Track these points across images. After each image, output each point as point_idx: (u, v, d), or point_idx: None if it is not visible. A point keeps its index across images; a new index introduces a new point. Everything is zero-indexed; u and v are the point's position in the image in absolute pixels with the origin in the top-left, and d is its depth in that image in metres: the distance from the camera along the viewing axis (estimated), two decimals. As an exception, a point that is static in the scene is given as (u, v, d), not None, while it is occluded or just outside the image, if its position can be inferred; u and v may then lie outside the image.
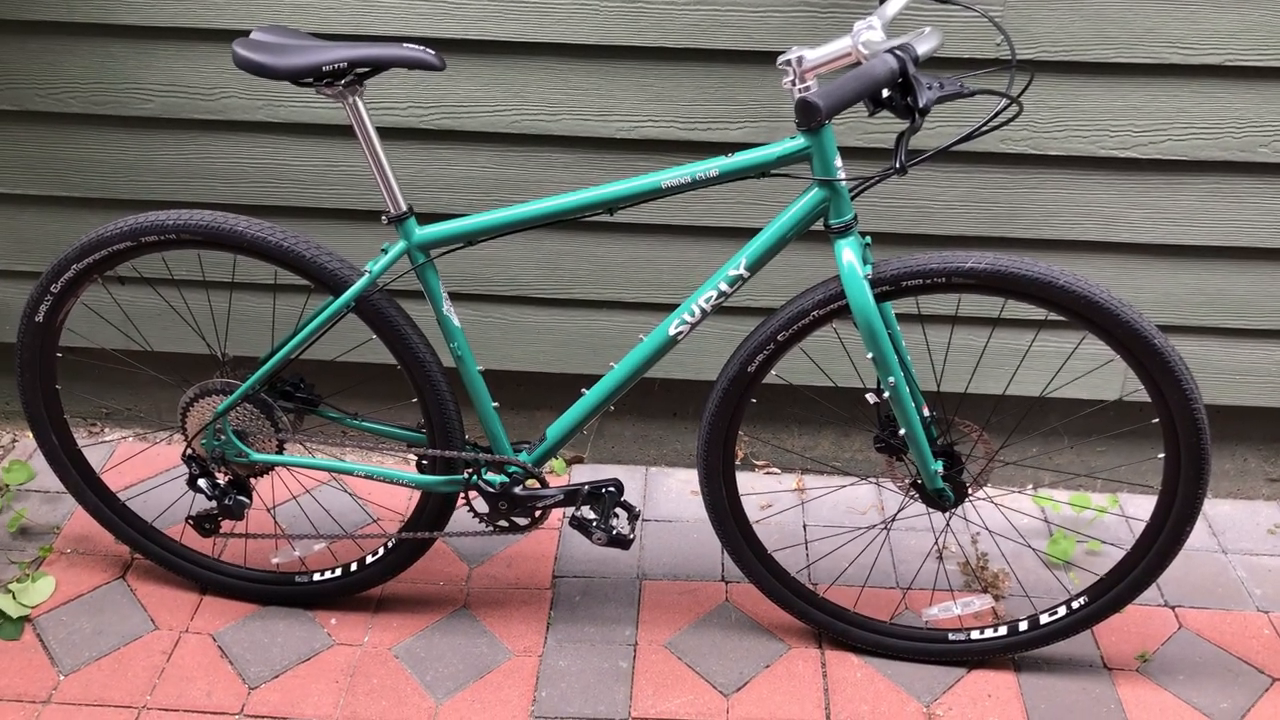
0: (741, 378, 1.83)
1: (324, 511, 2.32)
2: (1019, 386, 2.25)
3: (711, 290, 1.76)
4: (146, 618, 2.11)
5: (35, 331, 1.94)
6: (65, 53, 2.13)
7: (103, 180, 2.26)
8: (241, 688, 1.97)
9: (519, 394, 2.47)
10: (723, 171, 1.66)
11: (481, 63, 2.09)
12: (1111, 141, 2.08)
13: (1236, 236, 2.16)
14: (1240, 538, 2.38)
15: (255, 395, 1.91)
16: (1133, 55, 2.00)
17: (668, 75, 2.08)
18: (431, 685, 1.99)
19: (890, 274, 1.71)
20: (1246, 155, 2.08)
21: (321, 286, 1.83)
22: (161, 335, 2.35)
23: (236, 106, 2.15)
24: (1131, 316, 1.68)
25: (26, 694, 1.95)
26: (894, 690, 1.99)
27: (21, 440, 2.60)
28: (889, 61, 1.44)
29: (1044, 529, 2.37)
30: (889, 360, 1.74)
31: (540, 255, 2.27)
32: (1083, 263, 2.21)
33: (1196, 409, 1.73)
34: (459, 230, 1.76)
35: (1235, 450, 2.47)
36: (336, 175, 2.22)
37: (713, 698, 1.98)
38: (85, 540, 2.28)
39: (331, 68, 1.62)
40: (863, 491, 2.47)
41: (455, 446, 1.93)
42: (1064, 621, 1.97)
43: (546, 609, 2.16)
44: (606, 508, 1.93)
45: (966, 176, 2.14)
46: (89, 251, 1.85)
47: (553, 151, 2.17)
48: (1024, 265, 1.68)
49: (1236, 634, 2.13)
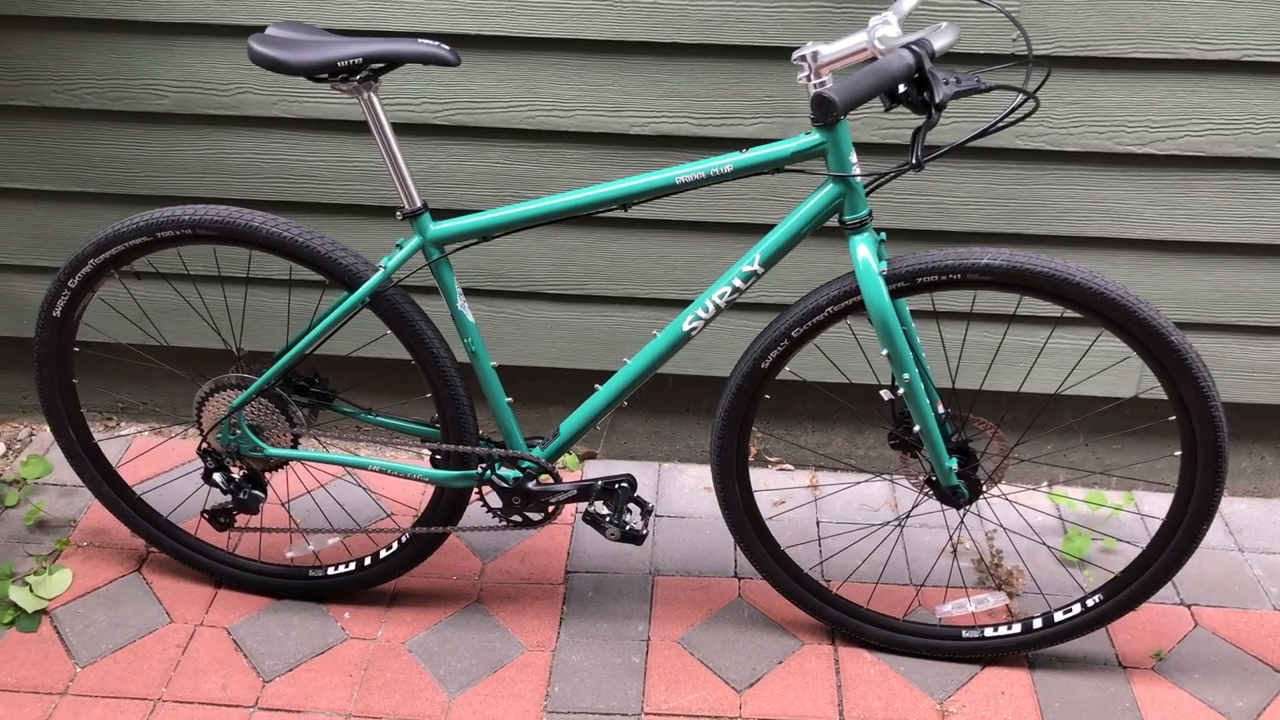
0: (755, 374, 1.83)
1: (338, 506, 2.33)
2: (1034, 383, 2.24)
3: (726, 286, 1.75)
4: (162, 611, 2.12)
5: (53, 326, 1.95)
6: (82, 48, 2.14)
7: (118, 176, 2.27)
8: (256, 681, 1.98)
9: (532, 389, 2.47)
10: (737, 167, 1.66)
11: (495, 58, 2.09)
12: (1128, 137, 2.07)
13: (1254, 233, 2.15)
14: (1258, 536, 2.36)
15: (270, 390, 1.91)
16: (1150, 50, 1.99)
17: (682, 71, 2.07)
18: (445, 679, 1.99)
19: (905, 270, 1.70)
20: (1265, 151, 2.06)
21: (336, 282, 1.83)
22: (177, 330, 2.36)
23: (252, 102, 2.16)
24: (1148, 313, 1.67)
25: (44, 686, 1.96)
26: (907, 687, 1.99)
27: (39, 434, 2.61)
28: (905, 57, 1.43)
29: (1059, 526, 2.36)
30: (904, 357, 1.74)
31: (554, 251, 2.27)
32: (1099, 259, 2.19)
33: (1214, 406, 1.72)
34: (474, 226, 1.76)
35: (1253, 448, 2.46)
36: (350, 171, 2.22)
37: (725, 694, 1.98)
38: (101, 534, 2.30)
39: (347, 63, 1.63)
40: (876, 488, 2.46)
41: (469, 442, 1.93)
42: (1078, 619, 1.96)
43: (559, 604, 2.16)
44: (620, 503, 1.94)
45: (982, 172, 2.13)
46: (105, 247, 1.85)
47: (566, 147, 2.17)
48: (1040, 261, 1.67)
49: (1253, 633, 2.11)
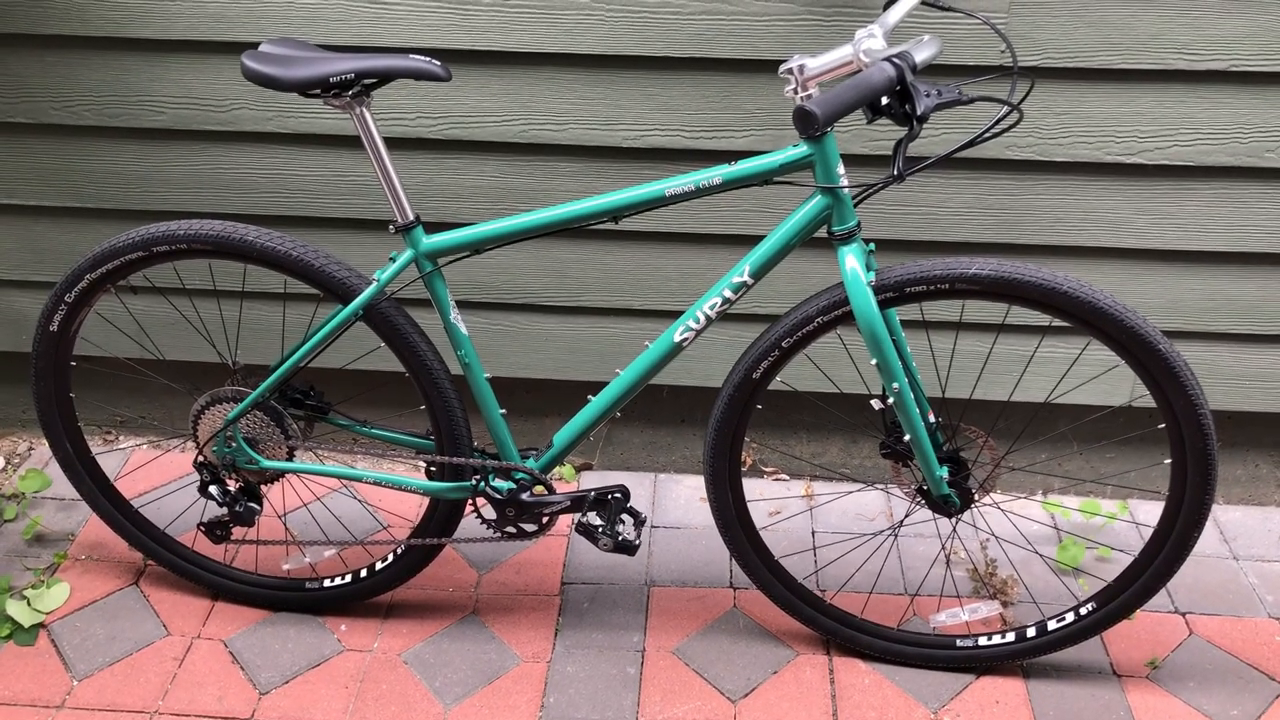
0: (747, 384, 1.84)
1: (334, 518, 2.34)
2: (1024, 392, 2.25)
3: (716, 297, 1.77)
4: (159, 624, 2.13)
5: (50, 341, 1.96)
6: (80, 66, 2.16)
7: (115, 191, 2.29)
8: (252, 693, 1.99)
9: (526, 401, 2.48)
10: (726, 179, 1.67)
11: (489, 73, 2.10)
12: (1117, 147, 2.08)
13: (1243, 241, 2.16)
14: (1251, 544, 2.37)
15: (265, 403, 1.93)
16: (1138, 61, 2.00)
17: (673, 84, 2.09)
18: (440, 691, 2.00)
19: (894, 280, 1.71)
20: (1253, 160, 2.07)
21: (330, 295, 1.85)
22: (173, 344, 2.38)
23: (247, 118, 2.18)
24: (1136, 322, 1.68)
25: (41, 699, 1.97)
26: (902, 696, 1.99)
27: (37, 448, 2.62)
28: (886, 69, 1.45)
29: (1053, 535, 2.37)
30: (893, 366, 1.74)
31: (547, 263, 2.29)
32: (1088, 268, 2.20)
33: (1203, 414, 1.73)
34: (466, 239, 1.78)
35: (1246, 456, 2.46)
36: (345, 185, 2.24)
37: (720, 704, 1.98)
38: (99, 547, 2.31)
39: (338, 79, 1.64)
40: (871, 498, 2.47)
41: (463, 453, 1.94)
42: (1073, 628, 1.97)
43: (555, 615, 2.16)
44: (612, 514, 1.94)
45: (972, 183, 2.15)
46: (102, 261, 1.87)
47: (559, 160, 2.18)
48: (1028, 271, 1.68)
49: (1247, 640, 2.12)
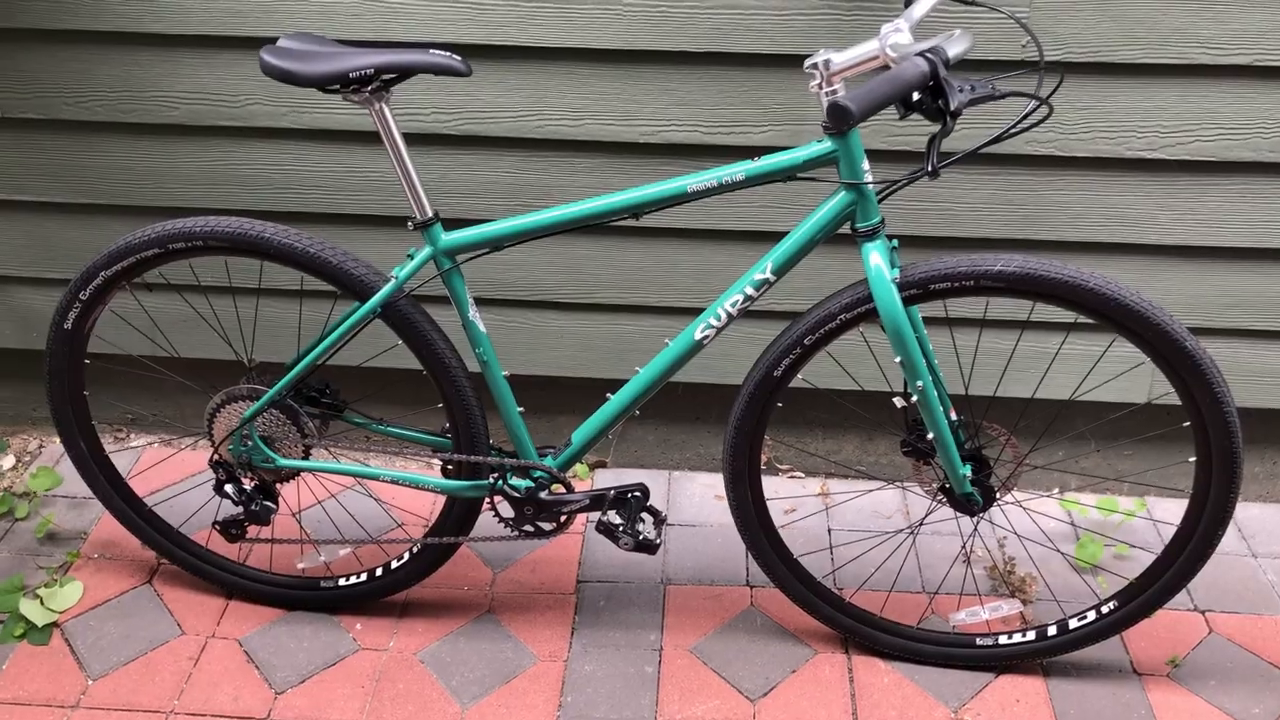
0: (768, 382, 1.83)
1: (349, 516, 2.32)
2: (1047, 390, 2.24)
3: (738, 294, 1.75)
4: (173, 623, 2.12)
5: (64, 339, 1.95)
6: (93, 61, 2.15)
7: (129, 188, 2.27)
8: (268, 693, 1.98)
9: (543, 399, 2.46)
10: (749, 175, 1.66)
11: (505, 68, 2.09)
12: (1139, 143, 2.07)
13: (1266, 238, 2.14)
14: (1271, 541, 2.35)
15: (281, 401, 1.91)
16: (1161, 56, 1.99)
17: (691, 79, 2.07)
18: (457, 690, 1.99)
19: (917, 277, 1.70)
20: (1276, 156, 2.06)
21: (347, 292, 1.83)
22: (188, 342, 2.36)
23: (261, 113, 2.16)
24: (1162, 318, 1.67)
25: (55, 699, 1.96)
26: (921, 695, 1.98)
27: (49, 446, 2.61)
28: (920, 64, 1.43)
29: (1071, 533, 2.35)
30: (917, 364, 1.73)
31: (565, 260, 2.27)
32: (1110, 265, 2.19)
33: (1228, 412, 1.72)
34: (485, 235, 1.76)
35: (1265, 453, 2.45)
36: (360, 181, 2.22)
37: (739, 703, 1.97)
38: (112, 545, 2.30)
39: (358, 74, 1.63)
40: (888, 496, 2.45)
41: (480, 451, 1.93)
42: (1093, 626, 1.96)
43: (571, 614, 2.15)
44: (633, 513, 1.93)
45: (993, 179, 2.13)
46: (117, 259, 1.86)
47: (576, 156, 2.17)
48: (1052, 267, 1.67)
49: (1268, 638, 2.10)
